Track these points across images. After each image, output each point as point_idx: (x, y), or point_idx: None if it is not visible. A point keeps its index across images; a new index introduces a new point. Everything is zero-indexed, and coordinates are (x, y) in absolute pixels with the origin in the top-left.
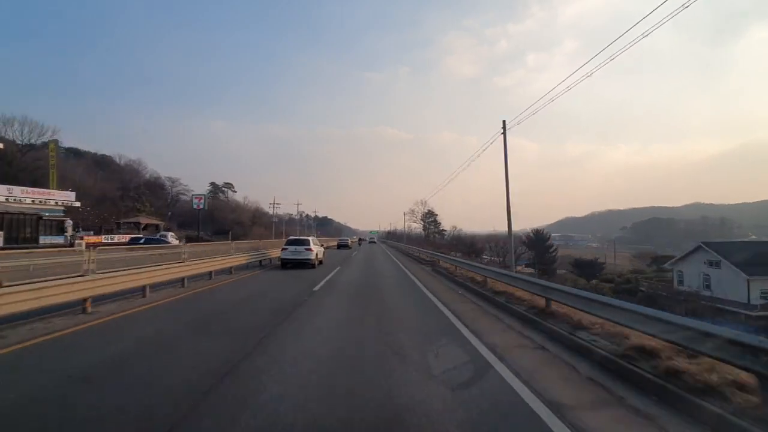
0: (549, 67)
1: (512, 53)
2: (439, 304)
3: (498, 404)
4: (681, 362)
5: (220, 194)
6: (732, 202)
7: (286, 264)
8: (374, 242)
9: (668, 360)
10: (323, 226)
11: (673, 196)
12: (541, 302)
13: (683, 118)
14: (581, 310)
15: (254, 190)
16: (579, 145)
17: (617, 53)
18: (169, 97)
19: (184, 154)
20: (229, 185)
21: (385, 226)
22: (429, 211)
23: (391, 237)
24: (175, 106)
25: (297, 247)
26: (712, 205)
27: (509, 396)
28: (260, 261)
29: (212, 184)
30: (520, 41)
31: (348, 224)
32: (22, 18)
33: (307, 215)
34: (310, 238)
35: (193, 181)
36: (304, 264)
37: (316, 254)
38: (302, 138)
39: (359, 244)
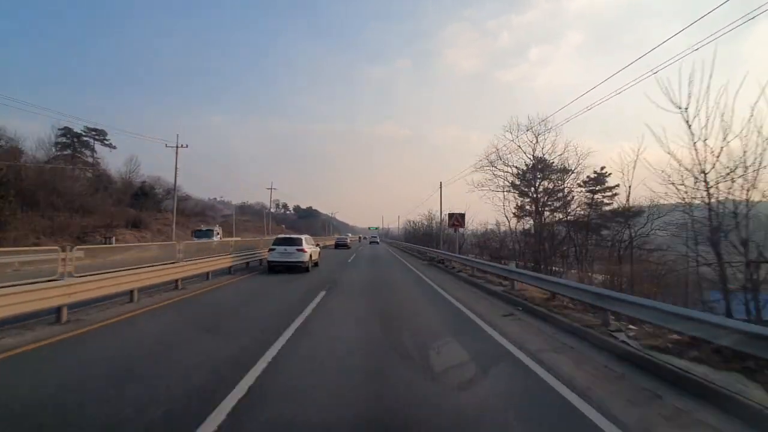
0: (554, 59)
1: (515, 46)
2: None
3: None
4: None
5: (82, 149)
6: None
7: (274, 267)
8: (376, 242)
9: None
10: (305, 219)
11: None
12: None
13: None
14: None
15: (244, 184)
16: (583, 141)
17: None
18: (164, 93)
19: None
20: (97, 133)
21: (387, 223)
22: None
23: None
24: (170, 102)
25: (287, 248)
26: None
27: None
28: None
29: (65, 129)
30: (523, 34)
31: (336, 216)
32: (20, 16)
33: (284, 204)
34: (302, 237)
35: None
36: (296, 267)
37: (310, 255)
38: (299, 132)
39: (359, 242)
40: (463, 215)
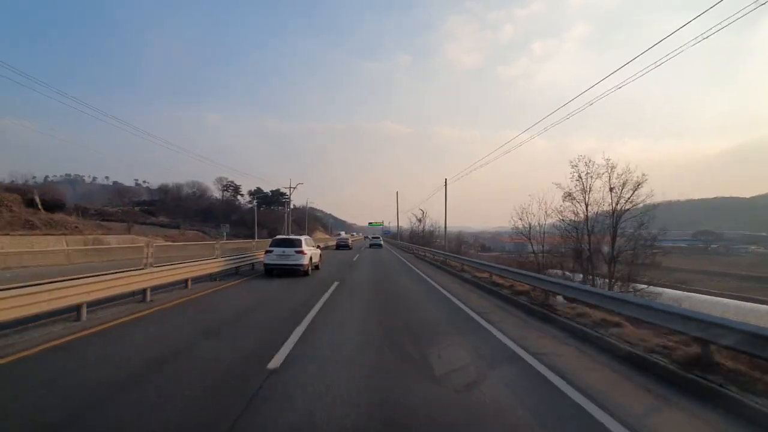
0: (558, 53)
1: (518, 40)
2: None
3: None
4: None
5: None
6: None
7: (271, 270)
8: (378, 245)
9: None
10: (268, 208)
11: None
12: None
13: (703, 110)
14: None
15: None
16: (586, 140)
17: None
18: (161, 91)
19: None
20: None
21: (389, 220)
22: None
23: None
24: (168, 100)
25: (285, 250)
26: None
27: None
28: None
29: None
30: (525, 27)
31: (334, 213)
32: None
33: (232, 185)
34: (302, 238)
35: None
36: (294, 271)
37: (310, 258)
38: (295, 131)
39: (364, 240)
40: None
